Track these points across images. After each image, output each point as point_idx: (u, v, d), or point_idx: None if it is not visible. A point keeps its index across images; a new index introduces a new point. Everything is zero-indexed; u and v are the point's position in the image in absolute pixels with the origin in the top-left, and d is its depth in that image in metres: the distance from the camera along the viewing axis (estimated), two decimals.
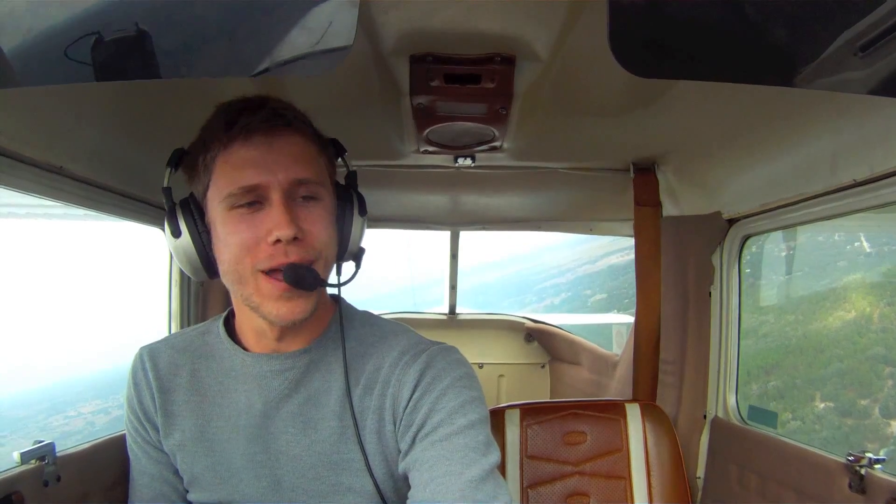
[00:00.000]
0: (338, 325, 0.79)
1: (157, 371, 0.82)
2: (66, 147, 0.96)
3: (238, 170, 0.71)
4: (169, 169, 0.77)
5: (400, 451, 0.76)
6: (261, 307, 0.73)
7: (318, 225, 0.73)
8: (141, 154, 1.15)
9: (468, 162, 1.37)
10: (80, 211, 1.09)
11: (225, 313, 0.87)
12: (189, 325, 1.39)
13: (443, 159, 1.38)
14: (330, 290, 0.80)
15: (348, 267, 0.83)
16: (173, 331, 1.39)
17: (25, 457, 0.84)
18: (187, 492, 0.83)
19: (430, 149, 1.28)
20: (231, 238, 0.71)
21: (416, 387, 0.75)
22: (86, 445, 0.97)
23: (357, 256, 0.82)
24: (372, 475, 0.75)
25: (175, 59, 0.53)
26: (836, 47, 0.51)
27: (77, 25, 0.50)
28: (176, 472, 0.83)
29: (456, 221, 2.38)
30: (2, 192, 0.89)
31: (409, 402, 0.75)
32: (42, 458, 0.85)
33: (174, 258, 0.78)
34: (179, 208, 0.76)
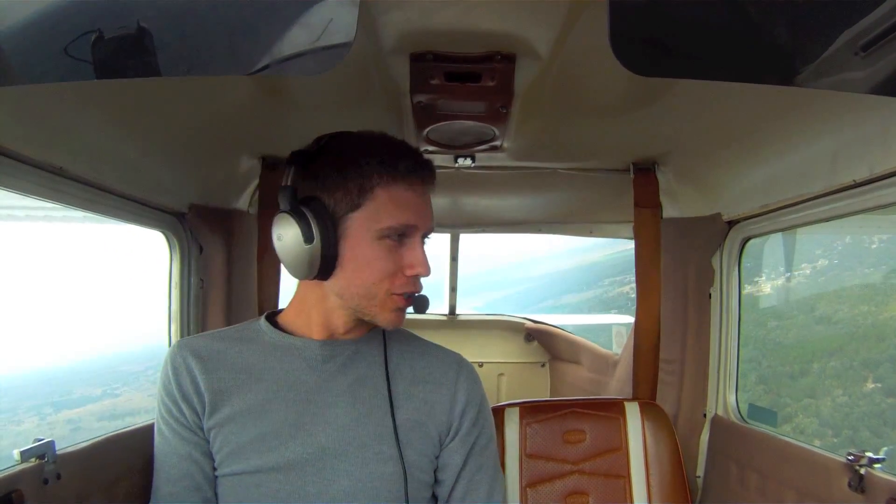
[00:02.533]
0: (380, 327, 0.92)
1: (199, 356, 0.88)
2: (67, 147, 0.96)
3: (402, 209, 0.82)
4: (291, 168, 0.83)
5: (441, 443, 0.92)
6: (377, 316, 0.85)
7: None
8: (142, 155, 1.14)
9: (468, 162, 1.37)
10: (81, 213, 1.08)
11: (263, 315, 0.94)
12: (189, 326, 1.39)
13: (443, 159, 1.38)
14: None
15: None
16: (173, 331, 1.39)
17: (25, 455, 0.84)
18: (215, 470, 0.87)
19: (430, 148, 1.28)
20: (377, 264, 0.82)
21: (467, 402, 0.92)
22: (86, 444, 0.97)
23: None
24: (399, 448, 0.86)
25: (176, 57, 0.53)
26: (836, 47, 0.51)
27: (78, 23, 0.50)
28: (205, 454, 0.87)
29: (456, 224, 2.38)
30: (1, 194, 0.89)
31: (464, 410, 0.92)
32: (42, 457, 0.85)
33: (281, 255, 0.84)
34: (312, 215, 0.81)
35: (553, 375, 2.90)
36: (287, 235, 0.81)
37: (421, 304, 0.88)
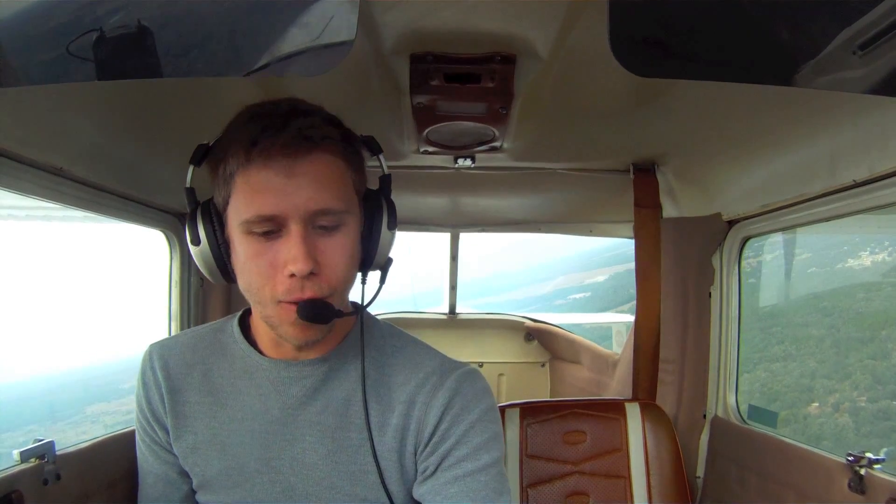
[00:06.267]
0: (357, 334, 0.78)
1: (168, 370, 0.80)
2: (66, 148, 0.96)
3: (257, 194, 0.66)
4: (191, 166, 0.73)
5: (418, 473, 0.77)
6: (279, 328, 0.72)
7: (337, 257, 0.69)
8: (142, 155, 1.14)
9: (468, 162, 1.37)
10: (81, 213, 1.08)
11: (240, 313, 0.84)
12: (190, 326, 1.39)
13: (442, 160, 1.38)
14: (351, 297, 0.77)
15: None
16: (174, 331, 1.39)
17: (25, 455, 0.84)
18: (195, 493, 0.82)
19: (430, 149, 1.28)
20: (249, 264, 0.69)
21: (443, 414, 0.75)
22: (86, 444, 0.97)
23: (383, 267, 0.78)
24: (386, 489, 0.75)
25: (175, 58, 0.54)
26: (834, 46, 0.51)
27: (78, 24, 0.50)
28: (182, 473, 0.82)
29: (456, 223, 2.39)
30: (1, 194, 0.89)
31: (435, 428, 0.75)
32: (42, 457, 0.85)
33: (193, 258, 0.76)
34: (200, 215, 0.72)
35: (553, 375, 2.90)
36: (189, 240, 0.73)
37: (307, 312, 0.68)
